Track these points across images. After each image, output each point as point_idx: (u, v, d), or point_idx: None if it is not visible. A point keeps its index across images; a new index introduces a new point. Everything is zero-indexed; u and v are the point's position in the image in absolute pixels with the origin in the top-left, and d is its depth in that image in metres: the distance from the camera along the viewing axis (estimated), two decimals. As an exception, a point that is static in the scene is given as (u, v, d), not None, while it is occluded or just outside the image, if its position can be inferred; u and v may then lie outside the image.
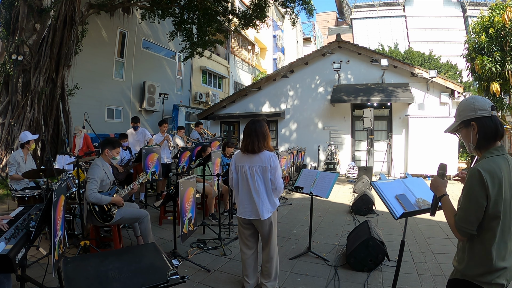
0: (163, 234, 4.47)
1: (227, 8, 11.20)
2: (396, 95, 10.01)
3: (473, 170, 1.37)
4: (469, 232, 1.38)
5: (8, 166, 4.50)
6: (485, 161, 1.39)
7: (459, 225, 1.39)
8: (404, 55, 24.04)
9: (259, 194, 2.68)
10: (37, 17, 7.93)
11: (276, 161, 2.71)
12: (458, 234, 1.42)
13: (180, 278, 1.38)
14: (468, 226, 1.37)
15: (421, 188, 2.28)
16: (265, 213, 2.67)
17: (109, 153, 3.51)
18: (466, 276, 1.42)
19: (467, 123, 1.47)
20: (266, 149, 2.74)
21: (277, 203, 2.80)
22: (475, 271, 1.39)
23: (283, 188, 2.79)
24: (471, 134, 1.46)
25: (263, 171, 2.68)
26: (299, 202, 6.67)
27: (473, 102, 1.45)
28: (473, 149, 1.49)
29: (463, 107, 1.49)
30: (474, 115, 1.44)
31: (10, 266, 1.83)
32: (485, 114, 1.42)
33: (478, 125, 1.43)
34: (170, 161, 6.74)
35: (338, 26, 44.82)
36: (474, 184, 1.35)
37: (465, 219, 1.38)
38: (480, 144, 1.45)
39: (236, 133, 13.22)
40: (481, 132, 1.43)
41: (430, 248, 3.97)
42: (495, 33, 8.37)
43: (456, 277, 1.48)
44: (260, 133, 2.71)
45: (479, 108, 1.43)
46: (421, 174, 9.47)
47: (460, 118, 1.50)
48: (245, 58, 23.35)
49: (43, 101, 7.92)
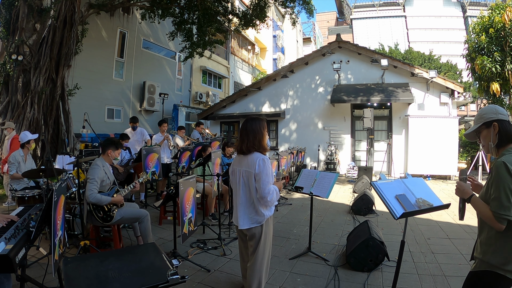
0: (163, 234, 4.47)
1: (227, 8, 11.20)
2: (396, 95, 10.01)
3: (498, 163, 1.52)
4: (508, 218, 1.46)
5: (8, 166, 4.51)
6: (506, 156, 1.54)
7: (497, 213, 1.47)
8: (404, 55, 24.06)
9: (240, 200, 2.44)
10: (37, 17, 7.93)
11: (264, 165, 2.35)
12: (497, 224, 1.48)
13: (180, 278, 1.38)
14: (506, 212, 1.46)
15: (421, 188, 2.28)
16: (245, 222, 2.41)
17: (112, 153, 3.51)
18: (494, 267, 1.49)
19: (488, 124, 1.65)
20: (257, 150, 2.43)
21: (266, 213, 2.44)
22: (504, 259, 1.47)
23: (274, 198, 2.38)
24: (491, 134, 1.64)
25: (248, 176, 2.39)
26: (299, 202, 6.67)
27: (495, 108, 1.67)
28: (493, 148, 1.64)
29: (485, 111, 1.69)
30: (495, 117, 1.63)
31: (10, 266, 1.83)
32: (505, 118, 1.63)
33: (499, 125, 1.62)
34: (170, 161, 6.74)
35: (338, 26, 44.83)
36: (503, 173, 1.49)
37: (502, 206, 1.47)
38: (500, 143, 1.62)
39: (236, 133, 13.21)
40: (501, 132, 1.61)
41: (430, 248, 3.97)
42: (495, 33, 8.38)
43: (481, 268, 1.56)
44: (250, 132, 2.43)
45: (500, 112, 1.64)
46: (421, 174, 9.48)
47: (483, 120, 1.68)
48: (245, 58, 23.35)
49: (43, 101, 7.92)
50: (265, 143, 2.50)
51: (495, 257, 1.49)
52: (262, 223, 2.42)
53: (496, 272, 1.48)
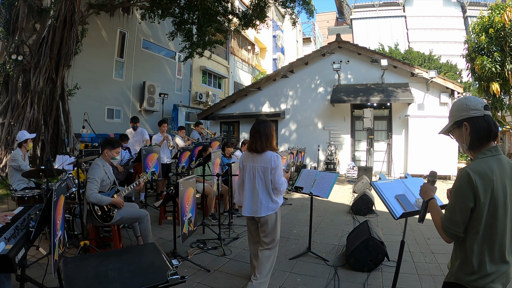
0: (163, 234, 4.47)
1: (227, 8, 11.20)
2: (396, 95, 10.01)
3: (462, 171, 1.35)
4: (455, 234, 1.37)
5: (12, 164, 4.49)
6: (476, 163, 1.37)
7: (445, 225, 1.39)
8: (404, 55, 24.08)
9: (258, 193, 2.79)
10: (37, 17, 7.92)
11: (278, 161, 2.80)
12: (444, 236, 1.41)
13: (180, 278, 1.38)
14: (453, 227, 1.36)
15: (421, 188, 2.27)
16: (263, 211, 2.77)
17: (109, 153, 3.50)
18: (459, 280, 1.39)
19: (459, 123, 1.45)
20: (270, 149, 2.83)
21: (279, 201, 2.86)
22: (468, 275, 1.36)
23: (285, 187, 2.85)
24: (464, 135, 1.44)
25: (264, 171, 2.78)
26: (299, 202, 6.67)
27: (465, 102, 1.43)
28: (466, 150, 1.47)
29: (455, 108, 1.48)
30: (466, 115, 1.42)
31: (10, 266, 1.83)
32: (478, 114, 1.40)
33: (470, 125, 1.41)
34: (170, 161, 6.73)
35: (338, 26, 44.84)
36: (462, 186, 1.33)
37: (450, 219, 1.37)
38: (473, 145, 1.43)
39: (236, 133, 13.22)
40: (473, 132, 1.41)
41: (430, 248, 3.97)
42: (495, 33, 8.38)
43: (450, 280, 1.46)
44: (263, 134, 2.81)
45: (471, 108, 1.41)
46: (421, 174, 9.46)
47: (453, 119, 1.48)
48: (245, 58, 23.35)
49: (43, 101, 7.92)
50: (275, 143, 2.93)
51: (460, 270, 1.40)
52: (276, 210, 2.82)
53: (464, 285, 1.38)
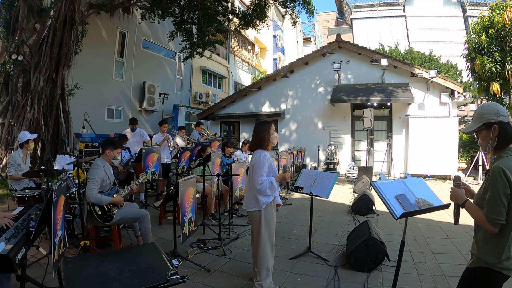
0: (163, 234, 4.47)
1: (227, 8, 11.20)
2: (396, 95, 10.01)
3: (496, 168, 1.54)
4: (500, 223, 1.52)
5: (7, 166, 4.50)
6: (504, 160, 1.58)
7: (491, 218, 1.53)
8: (404, 55, 24.04)
9: (248, 189, 2.94)
10: (37, 17, 7.93)
11: (259, 159, 2.75)
12: (490, 227, 1.54)
13: (180, 278, 1.37)
14: (498, 217, 1.51)
15: (421, 188, 2.28)
16: (249, 206, 2.84)
17: (111, 153, 3.51)
18: (488, 264, 1.57)
19: (489, 125, 1.64)
20: (261, 148, 2.85)
21: (263, 200, 2.74)
22: (498, 257, 1.54)
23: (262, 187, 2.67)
24: (491, 136, 1.64)
25: (250, 168, 2.87)
26: (299, 202, 6.67)
27: (496, 108, 1.65)
28: (491, 149, 1.66)
29: (486, 111, 1.67)
30: (496, 119, 1.62)
31: (10, 266, 1.83)
32: (505, 120, 1.62)
33: (499, 128, 1.61)
34: (170, 161, 6.74)
35: (338, 26, 44.81)
36: (497, 179, 1.52)
37: (494, 211, 1.52)
38: (499, 145, 1.63)
39: (236, 133, 13.22)
40: (501, 135, 1.61)
41: (430, 248, 3.97)
42: (495, 33, 8.37)
43: (477, 265, 1.63)
44: (254, 134, 2.88)
45: (501, 114, 1.63)
46: (421, 174, 9.48)
47: (483, 120, 1.66)
48: (245, 58, 23.34)
49: (43, 101, 7.92)
50: (267, 142, 2.85)
51: (491, 256, 1.57)
52: (261, 208, 2.77)
53: (492, 268, 1.56)
